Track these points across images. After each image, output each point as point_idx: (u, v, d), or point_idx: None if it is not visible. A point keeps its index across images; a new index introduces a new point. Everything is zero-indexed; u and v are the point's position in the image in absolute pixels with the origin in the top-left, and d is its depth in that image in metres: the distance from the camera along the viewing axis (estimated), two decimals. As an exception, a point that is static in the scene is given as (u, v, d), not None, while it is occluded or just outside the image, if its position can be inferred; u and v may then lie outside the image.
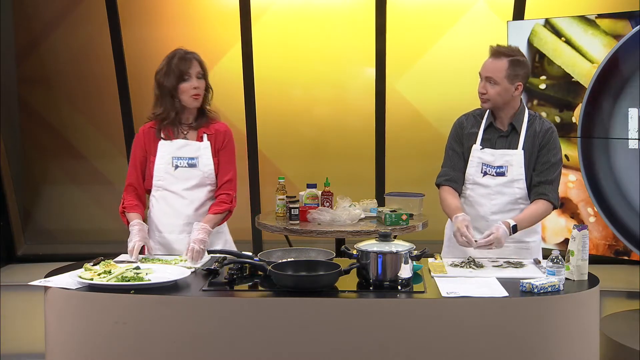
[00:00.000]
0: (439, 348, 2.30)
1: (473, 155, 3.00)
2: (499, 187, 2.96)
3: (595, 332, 2.46)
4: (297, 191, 4.16)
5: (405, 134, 5.48)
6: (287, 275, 2.43)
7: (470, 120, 3.06)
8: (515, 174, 2.93)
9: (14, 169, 5.68)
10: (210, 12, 5.50)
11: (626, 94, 4.03)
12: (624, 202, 4.11)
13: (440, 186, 3.06)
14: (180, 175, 3.01)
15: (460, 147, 3.05)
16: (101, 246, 3.85)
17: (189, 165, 3.01)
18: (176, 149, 3.01)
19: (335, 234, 3.75)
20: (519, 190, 2.94)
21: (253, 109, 5.42)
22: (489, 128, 3.01)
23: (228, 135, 3.08)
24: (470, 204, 3.02)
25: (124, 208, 3.00)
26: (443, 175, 3.06)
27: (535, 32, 4.38)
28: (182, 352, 2.34)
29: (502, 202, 2.96)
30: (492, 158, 2.97)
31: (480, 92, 2.94)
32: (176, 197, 3.03)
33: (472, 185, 3.01)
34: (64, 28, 5.57)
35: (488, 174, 2.97)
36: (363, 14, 5.33)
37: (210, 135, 3.04)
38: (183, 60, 2.96)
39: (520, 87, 2.92)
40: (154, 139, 3.03)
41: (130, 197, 3.02)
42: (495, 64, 2.90)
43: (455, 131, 3.09)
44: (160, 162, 3.01)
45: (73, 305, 2.42)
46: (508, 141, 2.97)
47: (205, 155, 3.02)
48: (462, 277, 2.57)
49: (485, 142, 3.00)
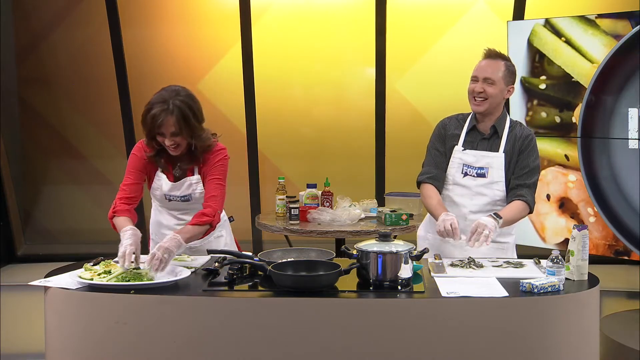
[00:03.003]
0: (439, 348, 2.30)
1: (454, 155, 3.04)
2: (479, 187, 2.99)
3: (595, 332, 2.46)
4: (297, 191, 4.17)
5: (405, 134, 5.48)
6: (287, 275, 2.44)
7: (454, 123, 3.10)
8: (496, 175, 2.97)
9: (14, 169, 5.67)
10: (210, 12, 5.50)
11: (626, 94, 4.03)
12: (624, 202, 4.11)
13: (421, 184, 3.06)
14: (174, 206, 3.04)
15: (442, 146, 3.08)
16: (101, 246, 3.85)
17: (182, 201, 3.00)
18: (168, 190, 2.97)
19: (335, 234, 3.75)
20: (498, 192, 2.98)
21: (253, 109, 5.42)
22: (471, 131, 3.04)
23: (220, 158, 2.94)
24: (449, 204, 3.03)
25: (114, 212, 2.88)
26: (425, 173, 3.07)
27: (535, 32, 4.38)
28: (182, 352, 2.34)
29: (481, 203, 2.99)
30: (474, 159, 3.00)
31: (477, 91, 2.94)
32: (171, 217, 3.07)
33: (452, 186, 3.04)
34: (63, 28, 5.57)
35: (468, 174, 3.00)
36: (363, 14, 5.33)
37: (201, 167, 2.95)
38: (155, 120, 2.74)
39: (512, 90, 3.00)
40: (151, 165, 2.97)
41: (121, 202, 2.91)
42: (494, 66, 2.94)
43: (438, 131, 3.11)
44: (156, 191, 3.00)
45: (73, 305, 2.42)
46: (489, 144, 3.01)
47: (198, 189, 2.96)
48: (462, 277, 2.58)
49: (467, 144, 3.03)
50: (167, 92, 2.78)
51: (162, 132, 2.78)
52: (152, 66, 5.43)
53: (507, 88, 2.96)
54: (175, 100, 2.76)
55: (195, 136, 2.84)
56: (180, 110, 2.75)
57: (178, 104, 2.76)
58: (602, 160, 4.19)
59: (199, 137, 2.85)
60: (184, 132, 2.78)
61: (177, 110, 2.75)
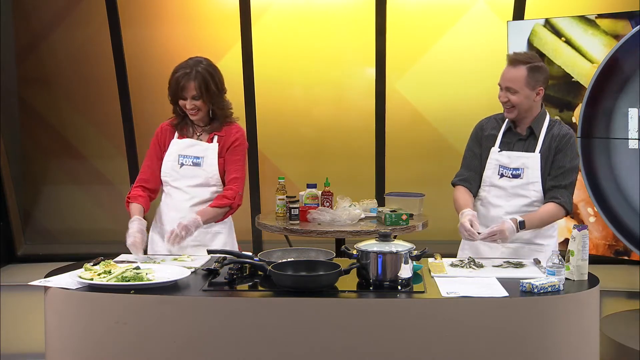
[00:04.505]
0: (439, 348, 2.30)
1: (491, 157, 3.02)
2: (515, 189, 2.96)
3: (595, 332, 2.46)
4: (297, 191, 4.16)
5: (405, 134, 5.49)
6: (287, 275, 2.43)
7: (491, 123, 3.07)
8: (531, 176, 2.93)
9: (14, 169, 5.68)
10: (210, 12, 5.51)
11: (626, 94, 4.04)
12: (624, 202, 4.11)
13: (454, 186, 3.10)
14: (185, 173, 3.10)
15: (478, 148, 3.07)
16: (101, 246, 3.86)
17: (193, 164, 3.09)
18: (184, 148, 3.10)
19: (335, 234, 3.75)
20: (534, 192, 2.94)
21: (253, 109, 5.42)
22: (508, 132, 3.02)
23: (239, 137, 3.13)
24: (485, 205, 3.03)
25: (129, 198, 3.08)
26: (458, 175, 3.10)
27: (535, 32, 4.38)
28: (182, 352, 2.34)
29: (518, 204, 2.96)
30: (509, 160, 2.98)
31: (503, 101, 2.93)
32: (179, 192, 3.11)
33: (489, 187, 3.03)
34: (63, 28, 5.58)
35: (504, 175, 2.99)
36: (363, 14, 5.33)
37: (221, 137, 3.11)
38: (178, 83, 3.01)
39: (541, 92, 2.92)
40: (169, 136, 3.14)
41: (137, 189, 3.10)
42: (514, 73, 2.88)
43: (475, 133, 3.11)
44: (168, 159, 3.11)
45: (73, 305, 2.42)
46: (526, 145, 2.97)
47: (211, 156, 3.08)
48: (462, 277, 2.58)
49: (504, 145, 3.01)
50: (192, 61, 3.04)
51: (184, 95, 3.01)
52: (152, 66, 5.43)
53: (534, 92, 2.89)
54: (198, 67, 3.01)
55: (215, 102, 3.06)
56: (202, 75, 3.00)
57: (200, 70, 3.01)
58: (602, 160, 4.19)
59: (218, 104, 3.07)
60: (204, 96, 3.01)
61: (199, 76, 2.99)
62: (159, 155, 3.13)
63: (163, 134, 3.15)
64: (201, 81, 2.99)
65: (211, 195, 3.10)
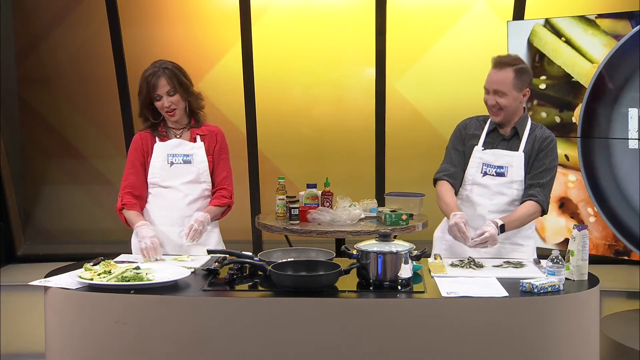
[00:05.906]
0: (439, 348, 2.30)
1: (474, 155, 3.02)
2: (499, 187, 2.97)
3: (595, 332, 2.46)
4: (297, 191, 4.16)
5: (405, 134, 5.48)
6: (287, 275, 2.44)
7: (474, 123, 3.08)
8: (515, 175, 2.95)
9: (14, 169, 5.67)
10: (210, 12, 5.50)
11: (626, 94, 4.03)
12: (624, 202, 4.11)
13: (437, 181, 3.05)
14: (176, 171, 3.10)
15: (462, 146, 3.06)
16: (101, 246, 3.87)
17: (184, 162, 3.10)
18: (172, 148, 3.11)
19: (335, 234, 3.75)
20: (517, 191, 2.95)
21: (253, 109, 5.42)
22: (491, 132, 3.02)
23: (220, 135, 3.19)
24: (468, 204, 3.02)
25: (123, 205, 3.05)
26: (442, 170, 3.07)
27: (535, 32, 4.38)
28: (182, 352, 2.34)
29: (501, 202, 2.97)
30: (493, 158, 2.98)
31: (490, 104, 2.93)
32: (171, 190, 3.10)
33: (471, 186, 3.02)
34: (64, 28, 5.57)
35: (488, 174, 2.98)
36: (363, 14, 5.32)
37: (203, 136, 3.14)
38: (149, 82, 3.03)
39: (527, 94, 2.95)
40: (151, 142, 3.12)
41: (128, 197, 3.07)
42: (501, 75, 2.89)
43: (458, 131, 3.10)
44: (157, 161, 3.10)
45: (73, 305, 2.42)
46: (509, 144, 2.99)
47: (200, 153, 3.11)
48: (462, 277, 2.58)
49: (487, 144, 3.02)
50: (157, 62, 3.08)
51: (157, 94, 3.03)
52: (152, 66, 5.42)
53: (521, 93, 2.91)
54: (164, 65, 3.05)
55: (190, 94, 3.09)
56: (170, 70, 3.04)
57: (167, 66, 3.05)
58: (602, 160, 4.19)
59: (193, 95, 3.10)
60: (178, 90, 3.03)
61: (167, 71, 3.03)
62: (141, 162, 3.11)
63: (144, 141, 3.13)
64: (171, 75, 3.02)
65: (202, 193, 3.12)
